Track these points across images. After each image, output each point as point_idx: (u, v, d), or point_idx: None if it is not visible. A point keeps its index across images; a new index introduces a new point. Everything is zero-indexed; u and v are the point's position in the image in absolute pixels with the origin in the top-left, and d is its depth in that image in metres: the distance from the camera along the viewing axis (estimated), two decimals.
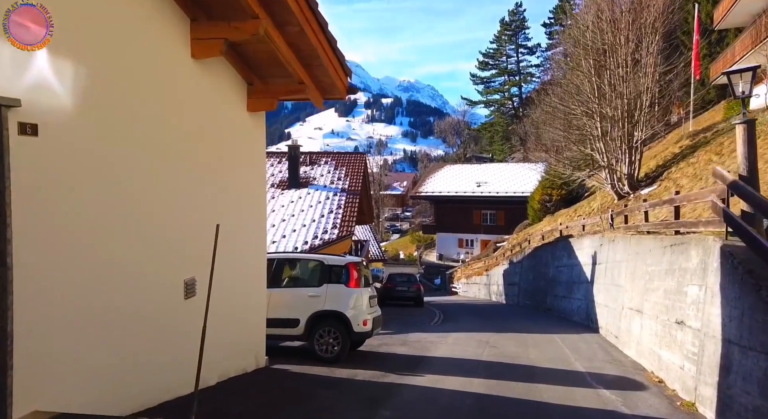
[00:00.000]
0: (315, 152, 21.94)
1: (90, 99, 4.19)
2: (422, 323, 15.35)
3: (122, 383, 4.48)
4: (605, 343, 11.34)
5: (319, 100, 6.91)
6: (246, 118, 6.47)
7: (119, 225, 4.54)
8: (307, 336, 8.27)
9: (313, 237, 14.85)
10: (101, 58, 4.31)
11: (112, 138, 4.46)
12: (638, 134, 18.70)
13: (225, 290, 6.08)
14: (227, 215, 6.17)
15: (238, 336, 6.42)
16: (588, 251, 16.08)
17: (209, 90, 5.86)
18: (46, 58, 3.74)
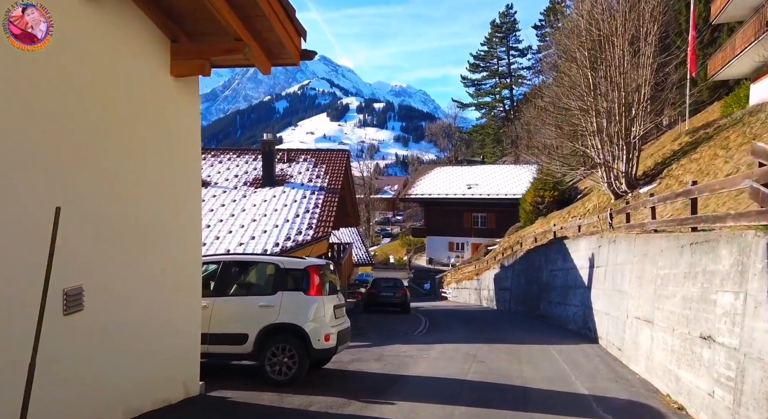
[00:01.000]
0: (293, 149, 20.65)
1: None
2: (405, 332, 14.05)
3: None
4: (607, 356, 10.09)
5: (265, 64, 5.62)
6: (169, 84, 5.17)
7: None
8: (256, 355, 6.85)
9: (286, 238, 13.53)
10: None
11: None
12: (636, 129, 17.55)
13: (136, 302, 4.76)
14: (139, 205, 4.86)
15: (157, 358, 5.10)
16: (585, 254, 14.87)
17: (115, 45, 4.56)
18: None
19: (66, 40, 3.99)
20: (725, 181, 6.20)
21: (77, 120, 4.19)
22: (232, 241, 13.28)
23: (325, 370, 7.97)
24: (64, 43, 3.95)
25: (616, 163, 18.23)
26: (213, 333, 6.82)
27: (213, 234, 13.59)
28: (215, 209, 15.05)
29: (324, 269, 7.54)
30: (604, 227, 13.98)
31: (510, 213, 39.10)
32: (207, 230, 13.80)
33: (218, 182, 17.06)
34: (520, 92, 74.45)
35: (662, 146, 22.87)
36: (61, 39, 3.89)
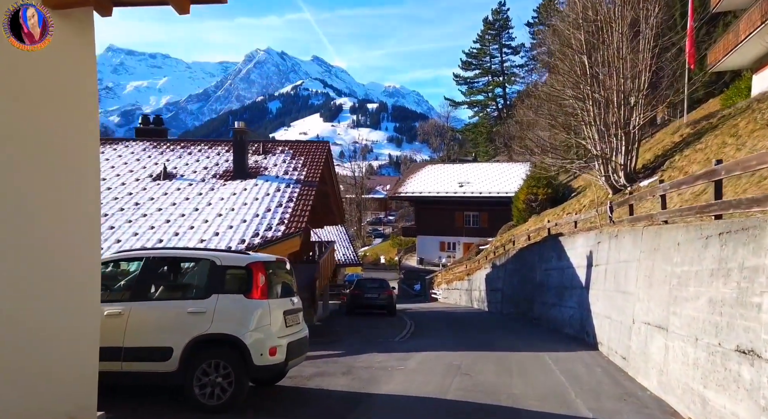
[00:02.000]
0: (270, 140, 19.34)
1: None
2: (386, 338, 12.78)
3: None
4: (609, 366, 8.86)
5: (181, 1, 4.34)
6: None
7: None
8: (183, 374, 5.52)
9: (254, 235, 12.24)
10: None
11: None
12: (636, 119, 16.40)
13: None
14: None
15: (31, 383, 3.81)
16: (582, 251, 13.66)
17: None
18: None
19: None
20: (762, 156, 4.96)
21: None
22: (193, 238, 11.97)
23: (277, 389, 6.69)
24: None
25: (615, 155, 17.08)
26: (129, 347, 5.51)
27: (172, 230, 12.28)
28: (178, 202, 13.73)
29: (273, 266, 6.25)
30: (603, 221, 12.79)
31: (502, 212, 38.00)
32: (166, 226, 12.49)
33: (185, 174, 15.73)
34: (513, 90, 73.50)
35: (660, 140, 21.77)
36: None
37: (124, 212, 13.03)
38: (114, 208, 13.23)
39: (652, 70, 16.00)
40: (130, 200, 13.76)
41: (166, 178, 15.25)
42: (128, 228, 12.23)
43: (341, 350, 10.15)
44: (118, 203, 13.50)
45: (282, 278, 6.54)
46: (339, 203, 24.18)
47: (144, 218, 12.78)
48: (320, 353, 9.56)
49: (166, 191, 14.43)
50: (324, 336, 13.00)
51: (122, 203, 13.55)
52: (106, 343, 5.05)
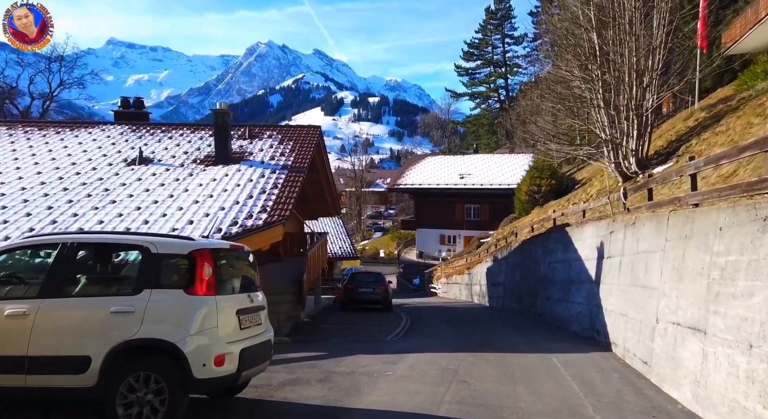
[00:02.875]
0: (257, 125, 18.21)
1: None
2: (376, 336, 11.68)
3: None
4: (627, 371, 7.77)
5: None
6: None
7: None
8: (103, 389, 4.41)
9: (232, 223, 11.13)
10: None
11: None
12: (649, 100, 15.20)
13: None
14: None
15: None
16: (591, 243, 12.55)
17: None
18: None
19: None
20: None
21: None
22: (165, 226, 10.86)
23: (234, 402, 5.60)
24: None
25: (625, 140, 15.89)
26: (35, 357, 4.40)
27: (142, 218, 11.17)
28: (152, 189, 12.62)
29: (227, 255, 5.16)
30: (615, 209, 11.65)
31: (504, 204, 36.88)
32: (136, 213, 11.39)
33: (162, 159, 14.61)
34: (515, 81, 72.21)
35: (671, 127, 20.58)
36: None
37: (92, 199, 11.92)
38: (81, 194, 12.12)
39: (667, 47, 14.79)
40: (99, 185, 12.65)
41: (142, 163, 14.14)
42: (93, 216, 11.13)
43: (324, 351, 9.05)
44: (86, 189, 12.39)
45: (240, 270, 5.45)
46: (333, 193, 23.05)
47: (113, 205, 11.68)
48: (299, 355, 8.49)
49: (141, 176, 13.32)
50: (309, 333, 11.92)
51: (90, 188, 12.44)
52: (4, 351, 3.95)
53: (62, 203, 11.65)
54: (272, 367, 7.18)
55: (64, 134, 15.90)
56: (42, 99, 28.15)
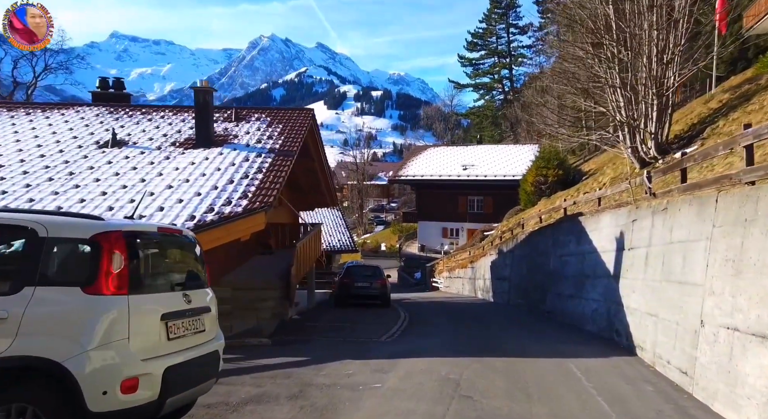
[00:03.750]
0: (245, 107, 16.98)
1: None
2: (370, 337, 10.46)
3: None
4: (662, 381, 6.54)
5: None
6: None
7: None
8: None
9: (208, 210, 9.92)
10: None
11: None
12: (671, 78, 13.89)
13: None
14: None
15: None
16: (609, 233, 11.31)
17: None
18: None
19: None
20: None
21: None
22: (131, 213, 9.63)
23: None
24: None
25: (644, 123, 14.59)
26: None
27: (107, 204, 9.95)
28: (123, 172, 11.41)
29: (151, 241, 3.93)
30: (637, 195, 10.39)
31: (509, 196, 35.57)
32: (101, 199, 10.18)
33: (138, 141, 13.39)
34: (520, 72, 70.66)
35: (690, 110, 19.27)
36: None
37: (53, 183, 10.71)
38: (41, 178, 10.91)
39: (693, 18, 13.45)
40: (64, 169, 11.45)
41: (115, 145, 12.92)
42: (52, 201, 9.92)
43: (306, 355, 7.85)
44: (49, 173, 11.18)
45: (177, 261, 4.25)
46: (330, 182, 21.81)
47: (75, 190, 10.47)
48: (275, 360, 7.29)
49: (112, 159, 12.10)
50: (295, 333, 10.72)
51: (54, 172, 11.23)
52: None
53: (19, 187, 10.45)
54: (238, 378, 5.99)
55: (35, 116, 14.68)
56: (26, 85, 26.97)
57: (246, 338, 9.19)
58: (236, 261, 15.05)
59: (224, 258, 13.60)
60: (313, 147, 18.46)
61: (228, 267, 14.19)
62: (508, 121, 66.13)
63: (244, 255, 16.03)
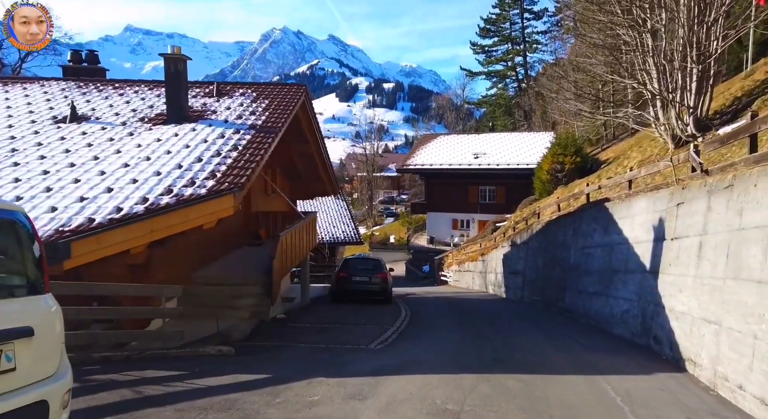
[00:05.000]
0: (230, 82, 15.36)
1: None
2: (358, 342, 8.80)
3: None
4: (735, 414, 4.83)
5: None
6: None
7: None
8: None
9: (165, 191, 8.33)
10: None
11: None
12: (714, 43, 12.00)
13: None
14: None
15: None
16: (644, 220, 9.55)
17: None
18: None
19: None
20: None
21: None
22: (72, 194, 8.06)
23: None
24: None
25: (680, 96, 12.73)
26: None
27: (45, 184, 8.38)
28: (75, 150, 9.84)
29: None
30: (681, 174, 8.61)
31: (522, 186, 33.74)
32: (40, 178, 8.62)
33: (102, 116, 11.83)
34: (534, 59, 68.30)
35: (726, 88, 17.27)
36: None
37: None
38: None
39: None
40: (7, 145, 9.90)
41: (75, 121, 11.36)
42: None
43: (267, 371, 6.20)
44: None
45: None
46: (329, 168, 20.17)
47: (12, 169, 8.91)
48: (222, 380, 5.66)
49: (66, 135, 10.54)
50: (270, 337, 9.11)
51: None
52: None
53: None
54: (154, 412, 4.37)
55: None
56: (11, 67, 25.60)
57: (204, 345, 7.59)
58: (217, 252, 13.50)
59: (200, 248, 12.05)
60: (308, 128, 16.81)
61: (206, 258, 12.63)
62: (521, 109, 64.03)
63: (229, 246, 14.48)
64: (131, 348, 6.95)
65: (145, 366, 6.08)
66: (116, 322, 8.04)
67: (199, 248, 12.03)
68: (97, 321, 7.84)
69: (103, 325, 7.82)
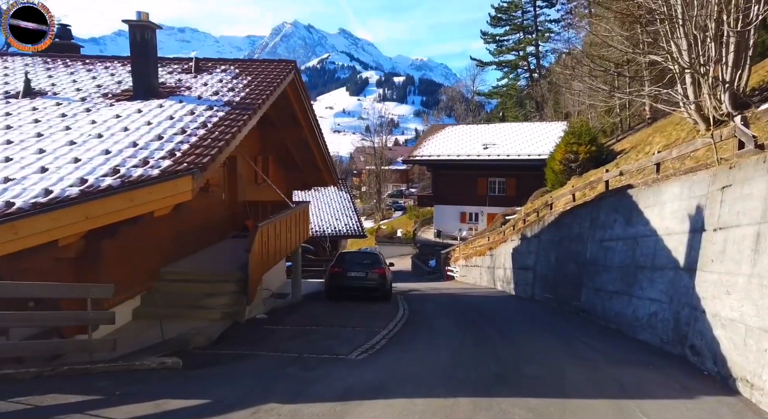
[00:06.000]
0: (213, 59, 14.05)
1: None
2: (337, 351, 7.46)
3: None
4: None
5: None
6: None
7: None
8: None
9: (111, 171, 7.06)
10: None
11: None
12: (755, 9, 10.47)
13: None
14: None
15: None
16: (678, 207, 8.14)
17: None
18: None
19: None
20: None
21: None
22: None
23: None
24: None
25: (714, 70, 11.22)
26: None
27: None
28: (17, 126, 8.59)
29: None
30: (725, 154, 7.18)
31: (533, 177, 32.20)
32: None
33: (61, 92, 10.60)
34: (547, 49, 66.37)
35: (763, 66, 15.65)
36: None
37: None
38: None
39: None
40: None
41: (29, 96, 10.12)
42: None
43: (208, 395, 4.89)
44: None
45: None
46: (327, 157, 18.87)
47: None
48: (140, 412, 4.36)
49: (12, 111, 9.30)
50: (237, 344, 7.81)
51: None
52: None
53: None
54: None
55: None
56: None
57: (147, 356, 6.29)
58: (197, 244, 12.27)
59: (173, 240, 10.81)
60: (300, 111, 15.53)
61: (182, 251, 11.39)
62: (533, 100, 62.26)
63: (212, 238, 13.23)
64: (48, 363, 5.68)
65: (56, 386, 4.82)
66: (53, 329, 6.80)
67: (171, 240, 10.79)
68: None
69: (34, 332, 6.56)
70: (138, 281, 9.42)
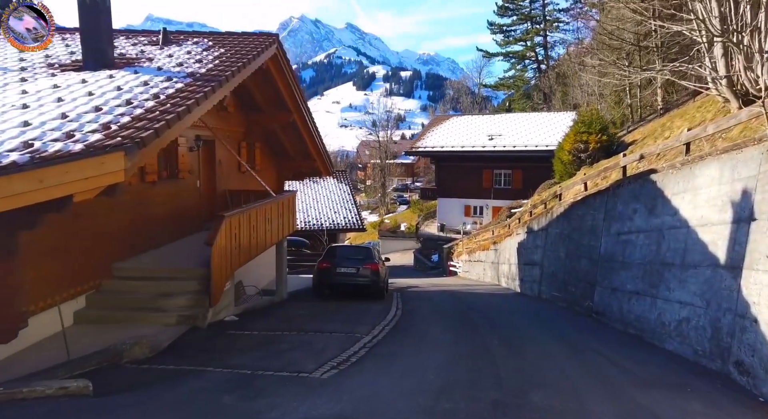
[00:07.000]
0: (187, 32, 12.71)
1: None
2: (302, 366, 6.12)
3: None
4: None
5: None
6: None
7: None
8: None
9: (22, 146, 5.76)
10: None
11: None
12: None
13: None
14: None
15: None
16: (716, 194, 6.74)
17: None
18: None
19: None
20: None
21: None
22: None
23: None
24: None
25: (749, 38, 9.75)
26: None
27: None
28: None
29: None
30: None
31: (540, 169, 30.79)
32: None
33: (1, 61, 9.30)
34: (554, 39, 64.62)
35: None
36: None
37: None
38: None
39: None
40: None
41: None
42: None
43: None
44: None
45: None
46: (319, 145, 17.53)
47: None
48: None
49: None
50: (181, 357, 6.48)
51: None
52: None
53: None
54: None
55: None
56: None
57: (46, 378, 4.97)
58: (165, 237, 10.99)
59: (131, 231, 9.51)
60: (287, 93, 14.21)
61: (144, 245, 10.10)
62: (540, 91, 60.55)
63: (184, 230, 11.94)
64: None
65: None
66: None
67: (127, 231, 9.49)
68: None
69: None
70: (81, 279, 8.14)
